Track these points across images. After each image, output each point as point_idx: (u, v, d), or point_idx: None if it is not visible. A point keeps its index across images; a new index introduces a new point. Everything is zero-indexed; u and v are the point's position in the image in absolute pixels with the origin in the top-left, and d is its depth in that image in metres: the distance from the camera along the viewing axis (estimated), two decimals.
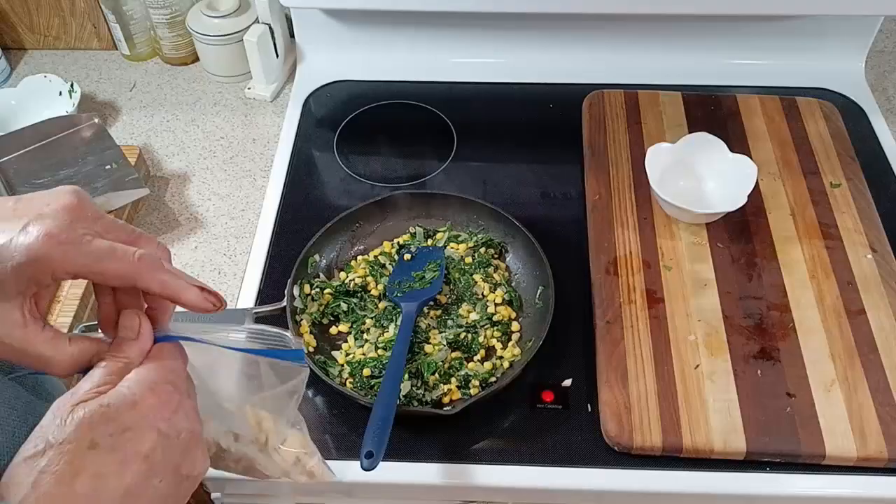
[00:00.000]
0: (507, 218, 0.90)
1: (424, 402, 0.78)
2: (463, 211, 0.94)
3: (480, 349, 0.83)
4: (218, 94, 1.20)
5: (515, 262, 0.91)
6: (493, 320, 0.85)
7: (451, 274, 0.88)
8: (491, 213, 0.92)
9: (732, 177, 0.93)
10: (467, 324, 0.84)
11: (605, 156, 1.01)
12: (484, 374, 0.80)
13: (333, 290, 0.87)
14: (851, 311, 0.85)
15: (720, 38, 1.16)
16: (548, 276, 0.84)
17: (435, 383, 0.79)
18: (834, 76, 1.16)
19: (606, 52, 1.18)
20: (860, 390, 0.78)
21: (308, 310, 0.86)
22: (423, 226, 0.94)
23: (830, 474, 0.75)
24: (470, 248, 0.91)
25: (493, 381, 0.79)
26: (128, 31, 1.21)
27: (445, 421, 0.76)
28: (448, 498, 0.80)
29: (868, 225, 0.93)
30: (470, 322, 0.84)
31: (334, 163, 1.07)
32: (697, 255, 0.90)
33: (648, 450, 0.75)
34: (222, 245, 0.98)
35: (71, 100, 1.10)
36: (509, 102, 1.15)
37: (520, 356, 0.82)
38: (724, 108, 1.08)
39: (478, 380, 0.79)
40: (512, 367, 0.81)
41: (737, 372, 0.80)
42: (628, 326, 0.83)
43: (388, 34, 1.18)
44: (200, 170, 1.08)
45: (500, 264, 0.91)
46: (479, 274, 0.88)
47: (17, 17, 1.23)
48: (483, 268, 0.88)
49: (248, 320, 0.81)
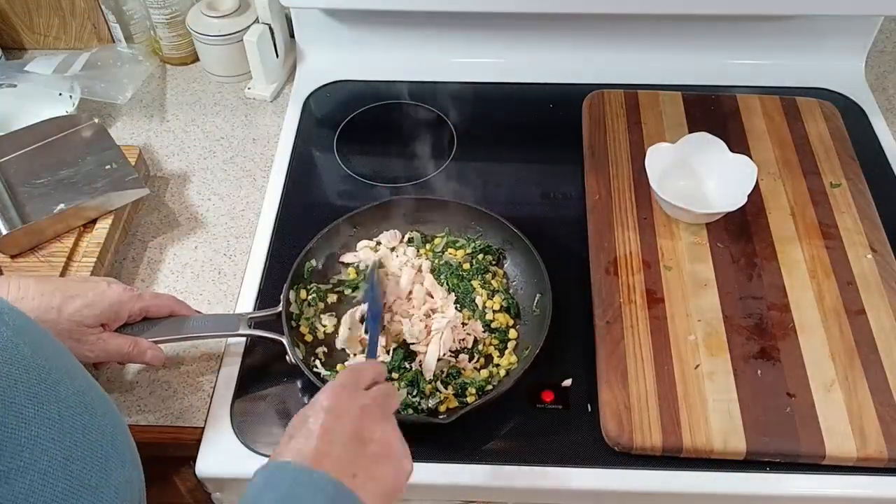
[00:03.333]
0: (505, 224, 0.89)
1: (420, 411, 0.78)
2: (461, 216, 0.93)
3: (479, 356, 0.83)
4: (218, 94, 1.20)
5: (514, 269, 0.90)
6: (492, 327, 0.85)
7: (450, 280, 0.88)
8: (489, 219, 0.91)
9: (732, 177, 0.93)
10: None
11: (605, 156, 1.01)
12: (480, 382, 0.80)
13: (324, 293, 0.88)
14: (851, 311, 0.85)
15: (720, 38, 1.16)
16: (545, 283, 0.84)
17: (431, 391, 0.79)
18: (834, 76, 1.16)
19: (606, 52, 1.18)
20: (860, 390, 0.78)
21: (304, 315, 0.86)
22: (420, 231, 0.93)
23: (830, 474, 0.75)
24: (468, 254, 0.90)
25: (490, 389, 0.79)
26: (128, 31, 1.21)
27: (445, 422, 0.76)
28: (448, 498, 0.80)
29: (868, 225, 0.93)
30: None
31: (334, 163, 1.07)
32: (697, 255, 0.90)
33: (648, 450, 0.75)
34: (222, 245, 0.98)
35: (71, 100, 1.10)
36: (509, 102, 1.15)
37: (516, 364, 0.81)
38: (724, 108, 1.08)
39: (474, 387, 0.79)
40: (508, 374, 0.81)
41: (737, 372, 0.80)
42: (628, 326, 0.83)
43: (388, 34, 1.18)
44: (200, 170, 1.08)
45: (499, 271, 0.90)
46: (476, 280, 0.88)
47: (17, 17, 1.23)
48: (481, 274, 0.88)
49: (242, 325, 0.81)
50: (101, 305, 0.73)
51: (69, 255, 0.90)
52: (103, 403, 0.51)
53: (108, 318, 0.74)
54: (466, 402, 0.78)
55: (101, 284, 0.75)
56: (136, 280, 0.94)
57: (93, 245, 0.91)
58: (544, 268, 0.85)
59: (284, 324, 0.81)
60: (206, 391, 0.83)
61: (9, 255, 0.90)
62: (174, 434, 0.81)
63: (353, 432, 0.58)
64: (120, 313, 0.75)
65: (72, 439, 0.45)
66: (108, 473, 0.47)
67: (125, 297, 0.75)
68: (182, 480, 0.90)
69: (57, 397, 0.45)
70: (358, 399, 0.61)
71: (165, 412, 0.81)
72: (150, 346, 0.77)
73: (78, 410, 0.47)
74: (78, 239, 0.92)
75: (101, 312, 0.73)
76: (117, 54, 1.19)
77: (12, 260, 0.90)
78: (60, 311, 0.70)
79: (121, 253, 0.96)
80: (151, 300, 0.78)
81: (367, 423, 0.60)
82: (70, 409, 0.46)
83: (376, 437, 0.59)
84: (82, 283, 0.75)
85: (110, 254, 0.93)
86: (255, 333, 0.81)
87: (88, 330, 0.73)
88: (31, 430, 0.42)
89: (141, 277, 0.94)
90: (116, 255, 0.95)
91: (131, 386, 0.84)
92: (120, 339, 0.76)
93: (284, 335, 0.80)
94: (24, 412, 0.42)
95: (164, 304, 0.79)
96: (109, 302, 0.74)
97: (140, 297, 0.77)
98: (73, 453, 0.45)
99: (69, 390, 0.47)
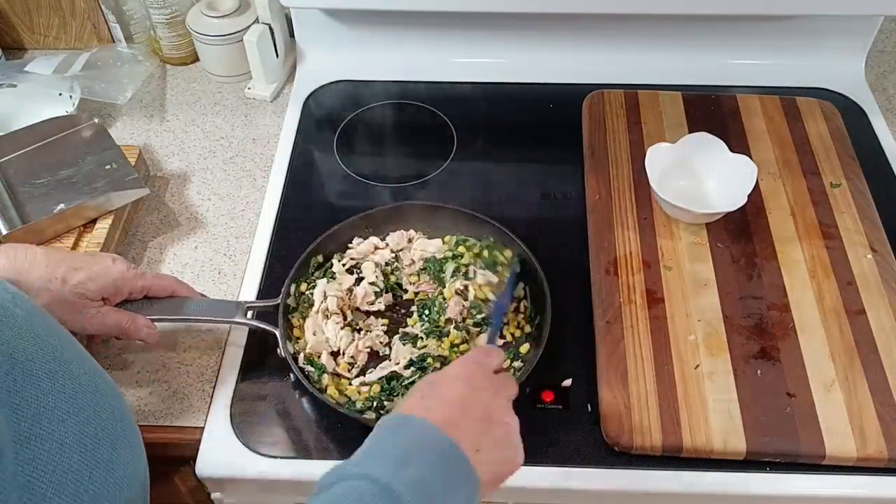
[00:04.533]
0: (509, 235, 0.88)
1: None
2: (466, 224, 0.92)
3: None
4: (218, 94, 1.20)
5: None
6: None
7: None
8: (495, 230, 0.89)
9: (732, 177, 0.93)
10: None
11: (605, 156, 1.01)
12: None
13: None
14: (851, 311, 0.85)
15: (720, 38, 1.16)
16: (546, 304, 0.82)
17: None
18: (834, 76, 1.16)
19: (606, 52, 1.18)
20: (860, 390, 0.78)
21: (299, 308, 0.85)
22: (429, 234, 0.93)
23: (830, 474, 0.75)
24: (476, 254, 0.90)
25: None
26: (128, 31, 1.21)
27: None
28: None
29: (868, 225, 0.93)
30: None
31: (334, 163, 1.07)
32: (697, 255, 0.90)
33: (648, 450, 0.75)
34: (222, 245, 0.98)
35: (71, 100, 1.10)
36: (509, 102, 1.15)
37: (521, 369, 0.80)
38: (724, 108, 1.08)
39: None
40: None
41: (737, 372, 0.80)
42: (628, 326, 0.83)
43: (388, 34, 1.18)
44: (200, 170, 1.08)
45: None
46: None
47: (17, 17, 1.23)
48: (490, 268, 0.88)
49: (239, 313, 0.81)
50: (105, 279, 0.75)
51: None
52: (112, 390, 0.52)
53: (110, 293, 0.76)
54: None
55: (107, 260, 0.76)
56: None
57: (93, 245, 0.91)
58: (548, 290, 0.83)
59: (280, 316, 0.81)
60: (206, 391, 0.83)
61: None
62: (174, 434, 0.81)
63: (484, 410, 0.60)
64: (122, 289, 0.77)
65: (85, 416, 0.47)
66: (117, 453, 0.48)
67: (129, 274, 0.77)
68: (182, 480, 0.90)
69: (70, 374, 0.47)
70: (491, 379, 0.63)
71: (165, 412, 0.81)
72: (146, 324, 0.78)
73: (90, 389, 0.48)
74: (78, 239, 0.92)
75: (104, 286, 0.75)
76: (117, 54, 1.19)
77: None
78: (65, 281, 0.72)
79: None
80: (154, 280, 0.80)
81: (497, 404, 0.61)
82: (83, 387, 0.48)
83: (505, 420, 0.61)
84: (89, 257, 0.76)
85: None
86: (251, 323, 0.81)
87: (90, 302, 0.74)
88: (48, 402, 0.44)
89: None
90: None
91: (132, 386, 0.84)
92: (118, 314, 0.77)
93: (279, 327, 0.80)
94: (41, 385, 0.44)
95: (165, 285, 0.81)
96: (113, 277, 0.75)
97: (143, 276, 0.79)
98: (86, 429, 0.46)
99: (81, 370, 0.49)
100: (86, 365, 0.50)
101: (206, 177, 1.07)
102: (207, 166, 1.08)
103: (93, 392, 0.48)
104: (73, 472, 0.44)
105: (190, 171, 1.07)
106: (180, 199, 1.04)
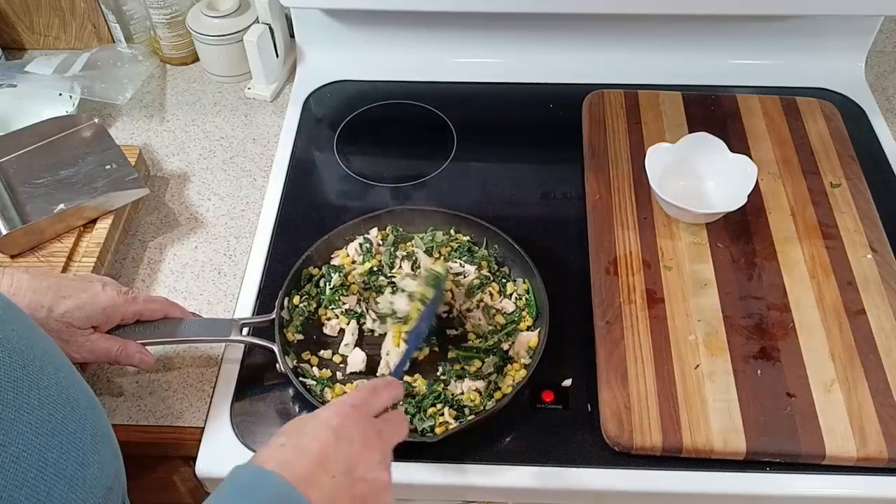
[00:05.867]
0: (508, 241, 0.88)
1: (413, 431, 0.76)
2: (463, 228, 0.92)
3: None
4: (218, 94, 1.20)
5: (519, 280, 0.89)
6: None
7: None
8: (494, 234, 0.89)
9: (732, 177, 0.93)
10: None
11: (605, 156, 1.01)
12: (477, 406, 0.78)
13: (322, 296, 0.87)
14: (851, 311, 0.85)
15: (720, 38, 1.16)
16: (545, 314, 0.82)
17: (433, 414, 0.77)
18: (834, 76, 1.16)
19: (606, 52, 1.18)
20: (860, 390, 0.78)
21: (293, 322, 0.85)
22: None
23: (830, 474, 0.75)
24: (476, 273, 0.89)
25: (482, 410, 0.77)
26: (128, 31, 1.21)
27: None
28: (448, 498, 0.80)
29: (868, 225, 0.93)
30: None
31: (334, 163, 1.07)
32: (697, 255, 0.90)
33: (648, 450, 0.75)
34: (222, 245, 0.98)
35: (71, 100, 1.10)
36: (509, 102, 1.15)
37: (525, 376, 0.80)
38: (724, 108, 1.08)
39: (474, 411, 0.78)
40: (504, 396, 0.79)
41: (737, 372, 0.80)
42: (628, 326, 0.83)
43: (388, 34, 1.18)
44: (200, 170, 1.08)
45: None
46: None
47: (17, 17, 1.23)
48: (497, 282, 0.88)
49: (234, 331, 0.81)
50: (93, 308, 0.72)
51: (69, 255, 0.90)
52: (89, 402, 0.51)
53: (100, 321, 0.74)
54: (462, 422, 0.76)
55: (96, 286, 0.74)
56: (135, 280, 0.94)
57: (93, 245, 0.91)
58: (547, 298, 0.83)
59: (277, 332, 0.81)
60: (206, 391, 0.83)
61: (9, 255, 0.90)
62: (174, 434, 0.81)
63: (347, 465, 0.56)
64: (112, 317, 0.75)
65: (50, 428, 0.45)
66: (85, 469, 0.47)
67: (119, 300, 0.74)
68: (182, 480, 0.90)
69: (39, 385, 0.45)
70: (364, 426, 0.59)
71: (165, 412, 0.81)
72: (138, 350, 0.76)
73: (59, 401, 0.47)
74: (78, 239, 0.92)
75: (92, 314, 0.72)
76: (117, 54, 1.19)
77: (12, 260, 0.90)
78: (51, 310, 0.70)
79: (121, 253, 0.96)
80: (145, 304, 0.77)
81: (364, 458, 0.57)
82: (51, 398, 0.46)
83: (368, 477, 0.57)
84: (77, 283, 0.73)
85: (110, 254, 0.93)
86: (248, 340, 0.81)
87: (77, 331, 0.72)
88: (7, 414, 0.42)
89: (141, 278, 0.94)
90: (116, 256, 0.95)
91: (132, 386, 0.84)
92: (108, 342, 0.75)
93: (276, 343, 0.80)
94: (4, 395, 0.43)
95: (157, 308, 0.78)
96: (102, 306, 0.73)
97: (134, 301, 0.76)
98: (51, 442, 0.45)
99: (52, 381, 0.47)
100: (60, 375, 0.48)
101: (206, 177, 1.07)
102: (207, 166, 1.08)
103: (63, 404, 0.47)
104: (27, 487, 0.42)
105: (190, 171, 1.07)
106: (180, 199, 1.04)
